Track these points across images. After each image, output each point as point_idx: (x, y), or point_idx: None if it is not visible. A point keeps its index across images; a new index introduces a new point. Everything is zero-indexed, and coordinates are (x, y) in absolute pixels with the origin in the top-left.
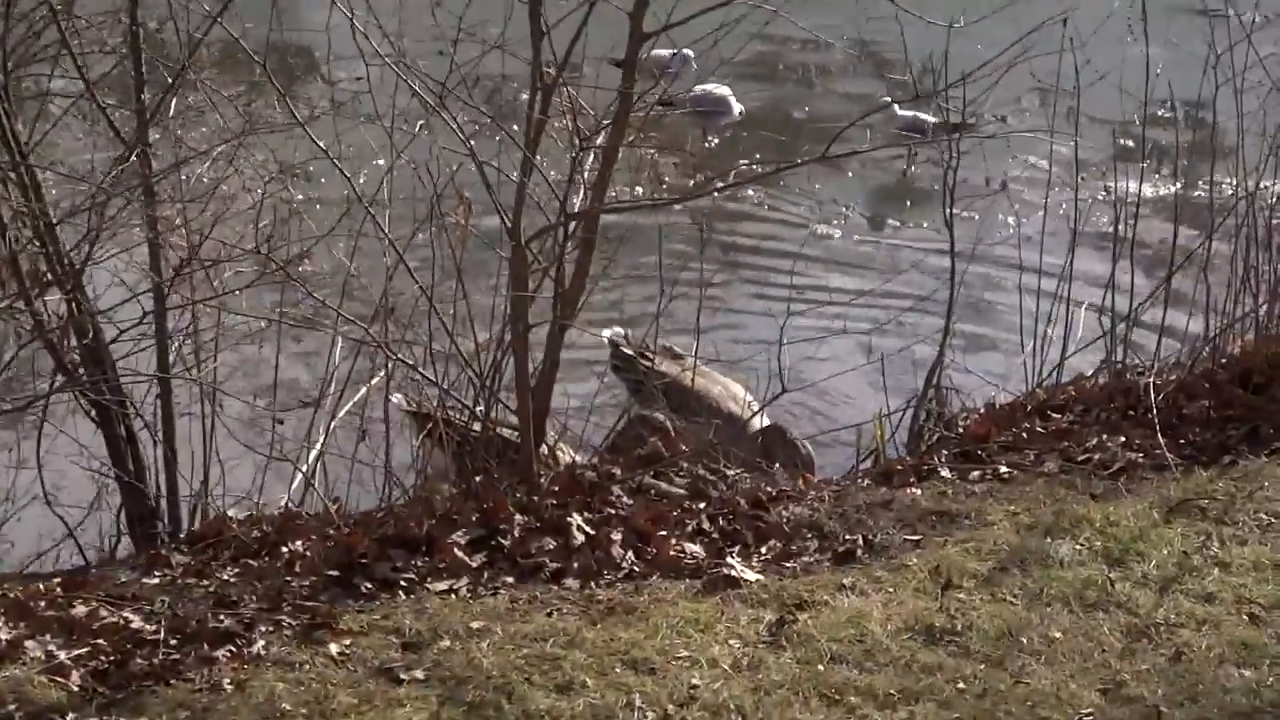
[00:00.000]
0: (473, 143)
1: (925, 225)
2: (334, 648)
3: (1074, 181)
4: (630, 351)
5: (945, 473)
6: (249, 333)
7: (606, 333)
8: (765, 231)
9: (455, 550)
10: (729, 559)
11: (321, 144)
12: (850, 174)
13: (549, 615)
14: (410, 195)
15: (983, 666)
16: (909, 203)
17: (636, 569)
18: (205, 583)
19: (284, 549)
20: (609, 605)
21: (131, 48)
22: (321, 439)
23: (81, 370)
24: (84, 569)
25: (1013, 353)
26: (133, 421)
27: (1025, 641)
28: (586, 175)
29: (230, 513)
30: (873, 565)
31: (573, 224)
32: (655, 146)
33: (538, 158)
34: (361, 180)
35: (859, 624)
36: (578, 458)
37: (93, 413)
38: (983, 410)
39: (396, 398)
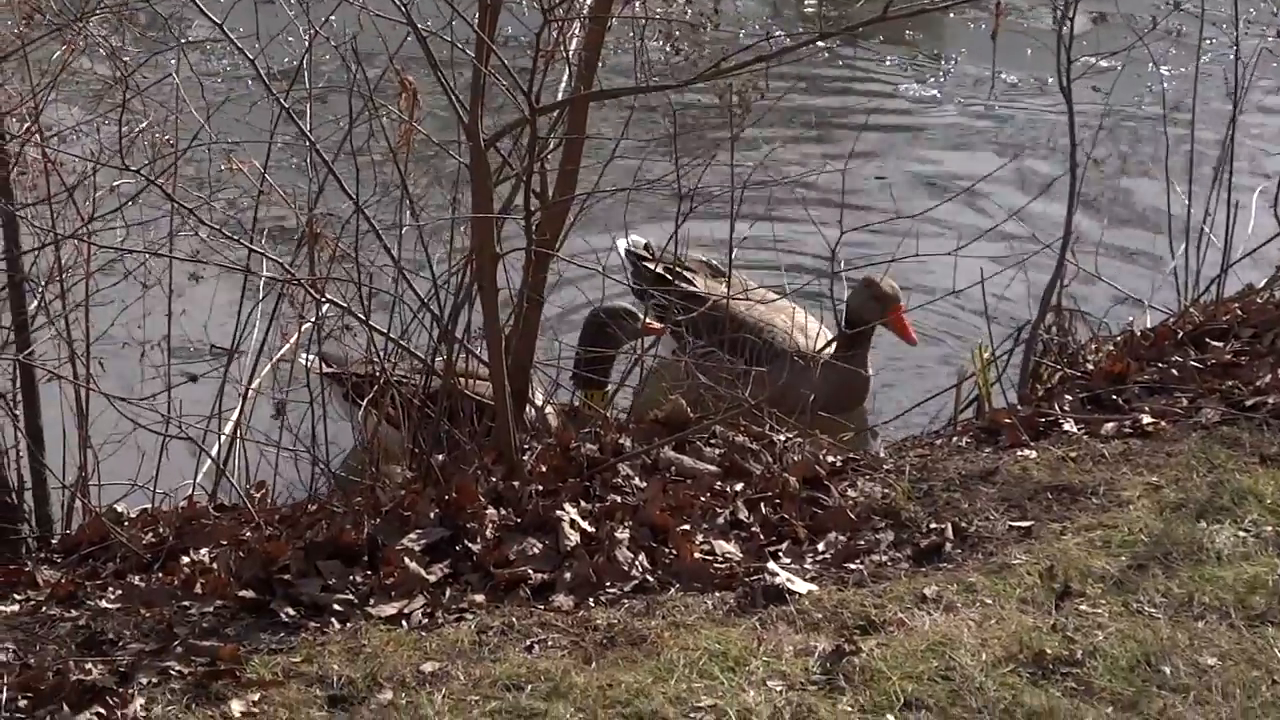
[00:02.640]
0: (414, 8)
1: (1049, 82)
2: (237, 707)
3: (1235, 23)
4: (656, 267)
5: (1069, 426)
6: (130, 272)
7: (622, 242)
8: (839, 96)
9: (407, 560)
10: (773, 562)
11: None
12: (952, 15)
13: (529, 650)
14: (334, 80)
15: (1110, 710)
16: (1029, 51)
17: (649, 579)
18: (74, 613)
19: (184, 559)
20: (609, 634)
21: None
22: (236, 411)
23: None
24: None
25: (1158, 260)
26: None
27: (1168, 673)
28: (570, 53)
29: (120, 507)
30: (965, 566)
31: (552, 116)
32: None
33: (504, 29)
34: (268, 67)
35: (944, 653)
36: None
37: None
38: (1119, 339)
39: (311, 359)
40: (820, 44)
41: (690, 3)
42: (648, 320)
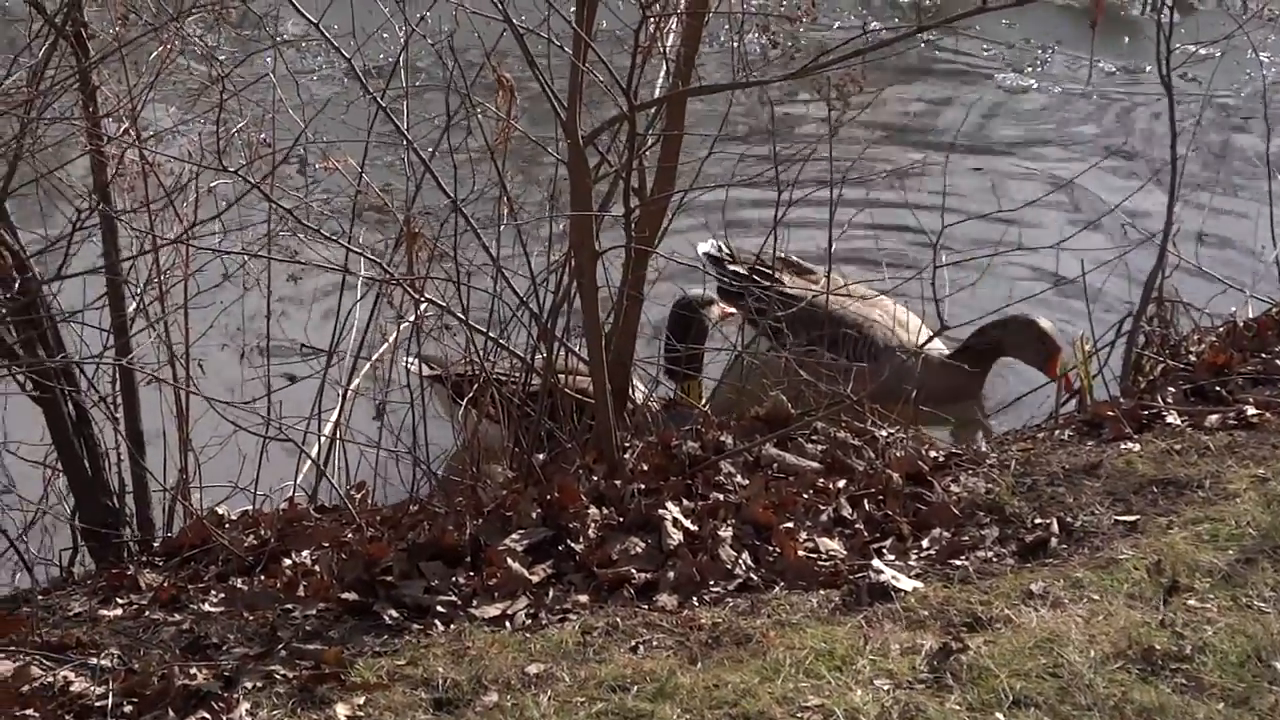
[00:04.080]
0: (512, 6)
1: (1148, 70)
2: (342, 711)
3: None
4: (739, 267)
5: (1172, 418)
6: (229, 274)
7: (703, 246)
8: (935, 87)
9: (509, 561)
10: (877, 559)
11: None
12: (1051, 4)
13: (633, 651)
14: (429, 77)
15: (1221, 706)
16: (1126, 39)
17: (754, 578)
18: (177, 616)
19: (286, 561)
20: (714, 633)
21: None
22: (336, 412)
23: (12, 332)
24: (23, 596)
25: (1259, 251)
26: (83, 397)
27: (1279, 666)
28: (667, 48)
29: (221, 510)
30: (1071, 561)
31: (650, 112)
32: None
33: (601, 22)
34: (364, 64)
35: (1052, 650)
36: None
37: (29, 386)
38: (1221, 331)
39: (412, 361)
40: (917, 36)
41: None
42: (722, 306)
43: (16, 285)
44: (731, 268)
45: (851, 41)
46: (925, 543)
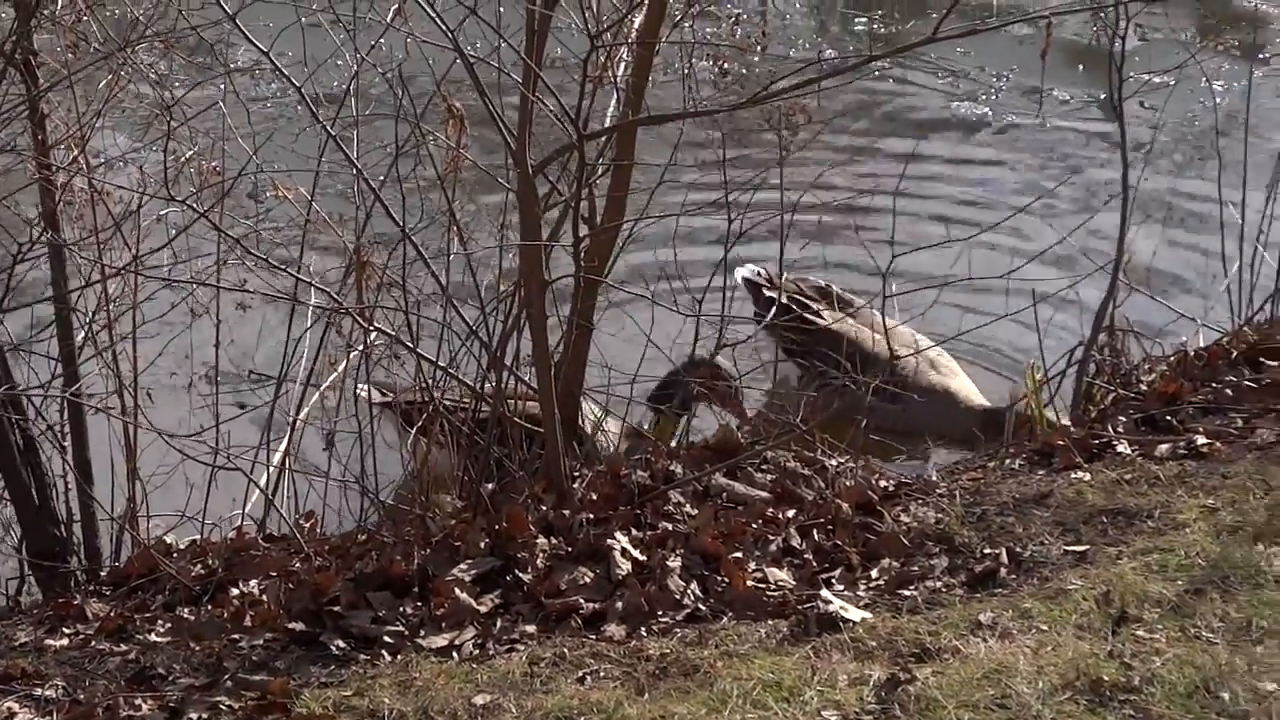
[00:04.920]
0: (461, 35)
1: (1102, 97)
2: None
3: None
4: (777, 295)
5: (1123, 448)
6: (179, 301)
7: (741, 271)
8: (889, 116)
9: (457, 591)
10: (826, 590)
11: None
12: (1003, 32)
13: (581, 682)
14: (380, 105)
15: None
16: (1080, 67)
17: (702, 608)
18: (124, 647)
19: (234, 591)
20: (662, 663)
21: None
22: (285, 441)
23: None
24: None
25: (1211, 279)
26: (31, 426)
27: (1227, 699)
28: (617, 77)
29: (169, 539)
30: (1021, 591)
31: (600, 141)
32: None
33: (552, 51)
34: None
35: (1000, 681)
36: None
37: None
38: (1172, 360)
39: (364, 389)
40: (871, 65)
41: (737, 24)
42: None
43: None
44: (768, 294)
45: (803, 70)
46: (874, 573)
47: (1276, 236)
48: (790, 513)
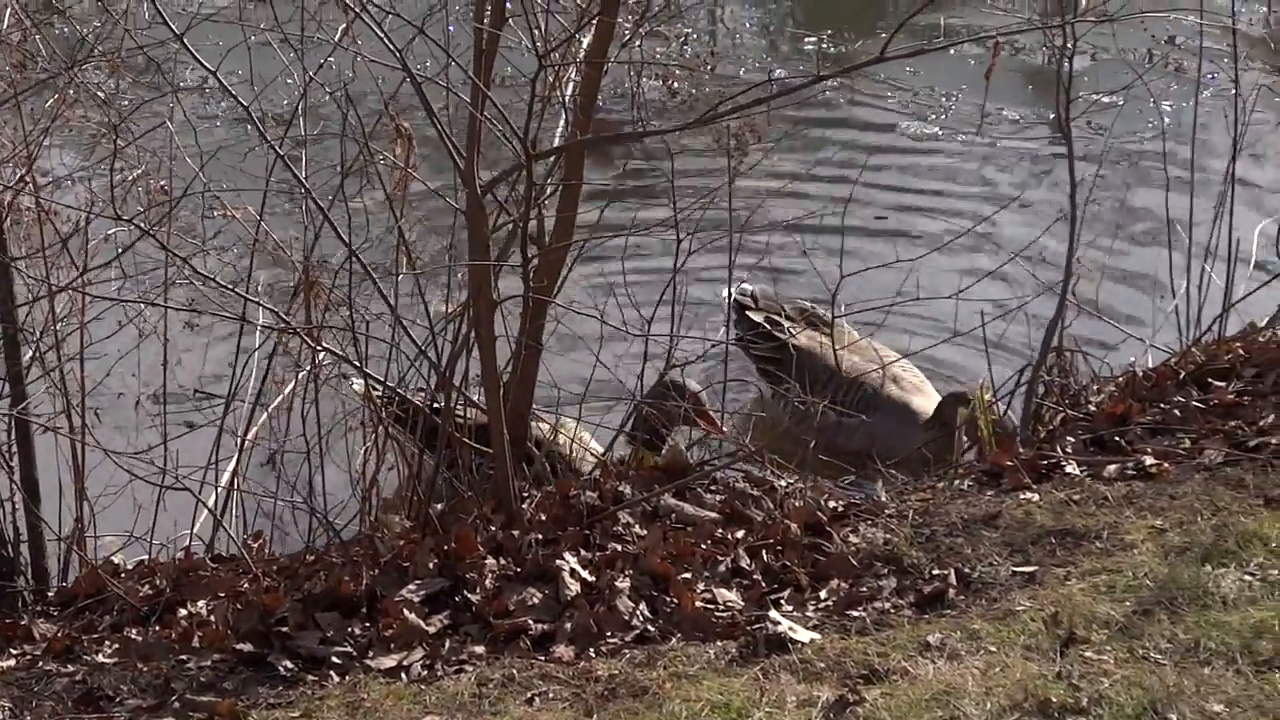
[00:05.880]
0: (410, 55)
1: (1051, 117)
2: None
3: (1234, 60)
4: (758, 317)
5: (1071, 468)
6: (127, 321)
7: (729, 289)
8: (838, 134)
9: (406, 611)
10: (774, 610)
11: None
12: (953, 52)
13: (529, 703)
14: (328, 124)
15: None
16: (1030, 87)
17: (651, 628)
18: (71, 668)
19: (182, 612)
20: (611, 685)
21: None
22: (233, 461)
23: None
24: None
25: (1159, 300)
26: None
27: (1175, 719)
28: (566, 97)
29: (117, 559)
30: (969, 612)
31: (548, 161)
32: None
33: (500, 70)
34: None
35: (948, 702)
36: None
37: None
38: (1120, 380)
39: (358, 384)
40: (819, 84)
41: (686, 44)
42: (708, 411)
43: None
44: (750, 314)
45: (752, 90)
46: (823, 594)
47: (1222, 257)
48: (739, 533)
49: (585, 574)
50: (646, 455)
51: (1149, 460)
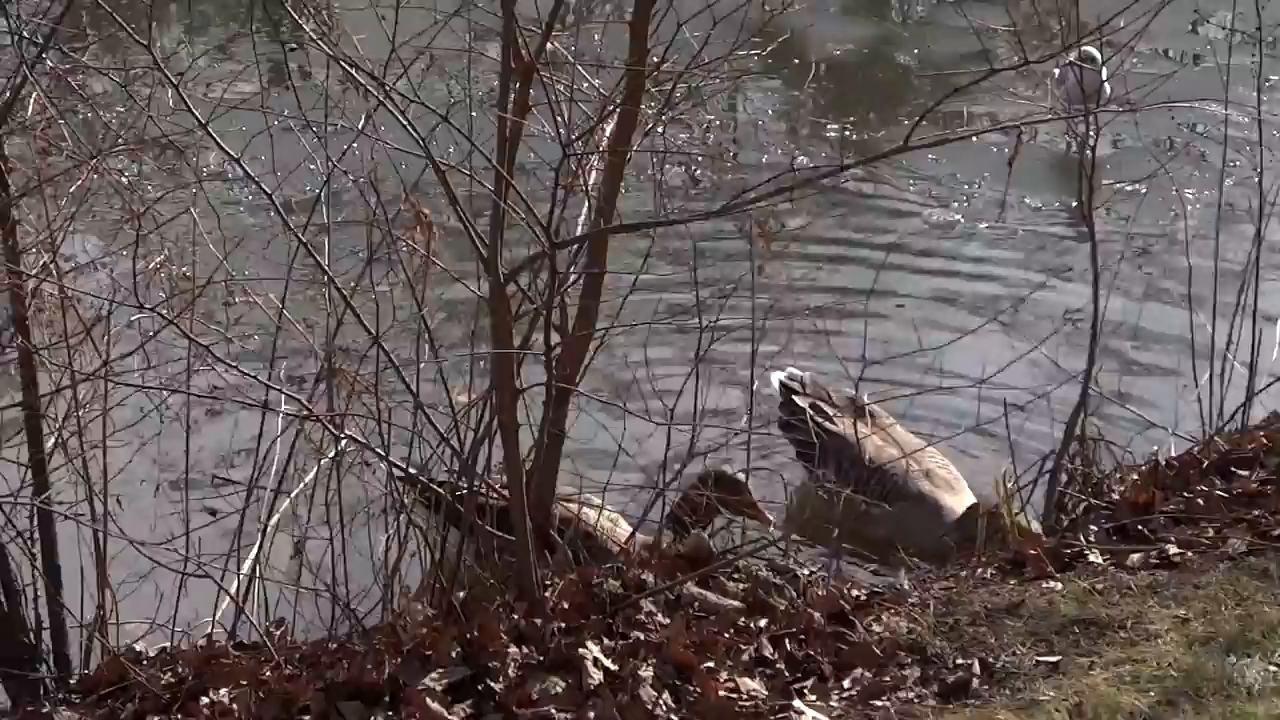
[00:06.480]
0: (433, 143)
1: (1074, 205)
2: None
3: (1259, 151)
4: (804, 402)
5: (1095, 557)
6: (150, 409)
7: (778, 375)
8: (860, 222)
9: (428, 700)
10: (798, 700)
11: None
12: (975, 140)
13: None
14: (351, 213)
15: None
16: (1052, 174)
17: (674, 718)
18: None
19: (204, 700)
20: None
21: None
22: (255, 548)
23: None
24: None
25: (1182, 388)
26: None
27: None
28: (589, 185)
29: (139, 647)
30: (993, 702)
31: (572, 250)
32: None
33: (523, 158)
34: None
35: None
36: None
37: None
38: (1144, 469)
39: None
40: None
41: (707, 131)
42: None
43: None
44: (796, 400)
45: (776, 179)
46: (847, 683)
47: (1246, 346)
48: (762, 622)
49: (608, 663)
50: (670, 543)
51: (1173, 549)
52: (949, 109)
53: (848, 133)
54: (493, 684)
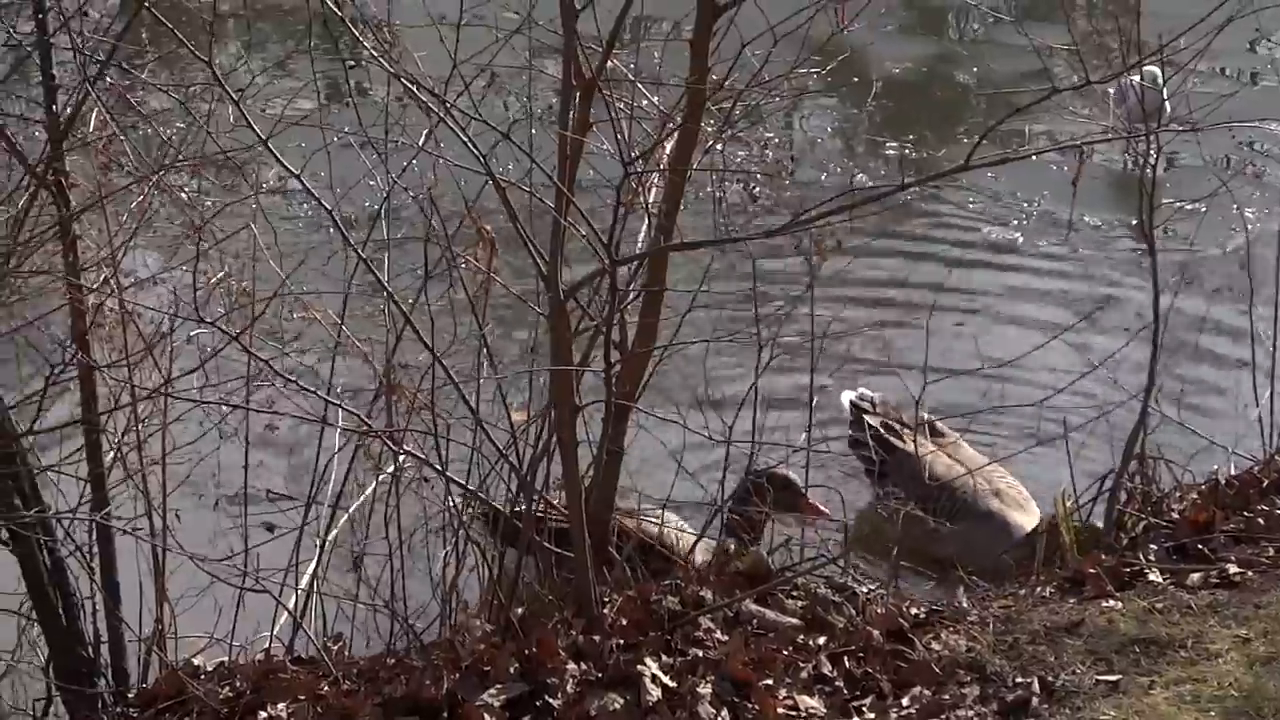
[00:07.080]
0: (493, 159)
1: (1134, 223)
2: None
3: None
4: (875, 422)
5: (1154, 576)
6: (211, 427)
7: (850, 394)
8: (920, 241)
9: (487, 716)
10: (857, 718)
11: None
12: (1034, 158)
13: None
14: (410, 229)
15: None
16: (1112, 193)
17: None
18: None
19: (261, 714)
20: None
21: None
22: (313, 563)
23: None
24: None
25: (1243, 407)
26: (59, 547)
27: None
28: (649, 203)
29: (197, 661)
30: None
31: (632, 266)
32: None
33: (583, 174)
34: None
35: None
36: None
37: (3, 536)
38: (1204, 488)
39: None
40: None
41: (766, 148)
42: (810, 499)
43: None
44: (867, 419)
45: (836, 198)
46: (905, 701)
47: None
48: (821, 639)
49: (667, 679)
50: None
51: (1233, 569)
52: (1008, 127)
53: (906, 151)
54: (551, 700)
